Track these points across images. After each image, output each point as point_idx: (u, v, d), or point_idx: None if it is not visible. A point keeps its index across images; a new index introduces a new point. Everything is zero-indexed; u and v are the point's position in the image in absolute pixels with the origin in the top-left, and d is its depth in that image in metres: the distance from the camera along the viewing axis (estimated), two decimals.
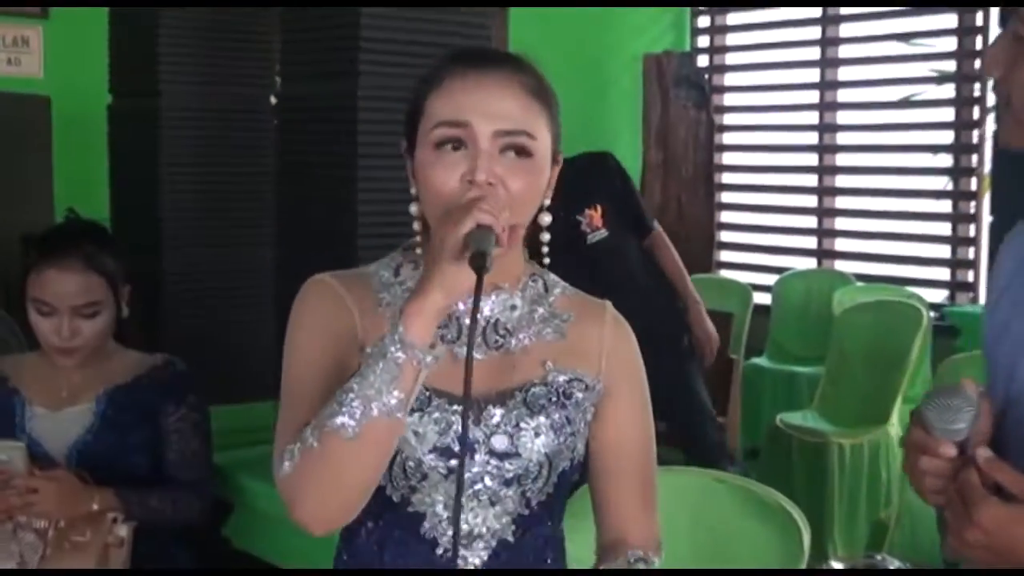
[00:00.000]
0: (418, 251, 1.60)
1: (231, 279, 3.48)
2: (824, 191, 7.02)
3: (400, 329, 1.39)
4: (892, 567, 2.76)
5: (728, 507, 2.52)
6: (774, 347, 6.42)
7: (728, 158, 7.51)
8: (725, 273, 7.16)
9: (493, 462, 1.56)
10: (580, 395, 1.62)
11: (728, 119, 7.52)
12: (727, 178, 7.50)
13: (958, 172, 6.39)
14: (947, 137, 6.46)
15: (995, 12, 4.89)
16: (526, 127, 1.51)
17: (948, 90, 6.44)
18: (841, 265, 6.82)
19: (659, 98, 7.15)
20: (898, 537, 3.29)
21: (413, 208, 1.56)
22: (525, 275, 1.63)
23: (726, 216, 7.50)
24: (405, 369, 1.39)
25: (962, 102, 6.31)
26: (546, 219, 1.57)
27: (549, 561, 1.65)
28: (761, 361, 6.20)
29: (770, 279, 6.71)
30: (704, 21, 7.55)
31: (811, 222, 7.10)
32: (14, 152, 4.83)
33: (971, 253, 6.32)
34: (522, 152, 1.50)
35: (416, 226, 1.58)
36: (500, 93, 1.51)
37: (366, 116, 2.93)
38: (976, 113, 6.24)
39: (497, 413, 1.55)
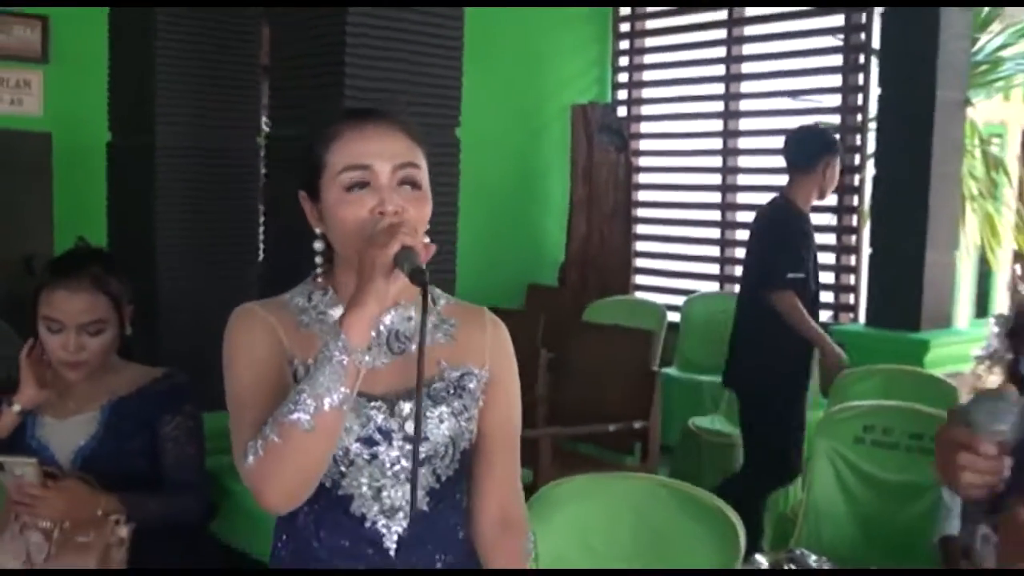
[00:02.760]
0: (319, 280, 1.68)
1: (219, 301, 3.39)
2: (725, 224, 7.05)
3: (343, 337, 1.47)
4: (812, 561, 2.74)
5: (670, 509, 2.54)
6: (682, 359, 6.41)
7: (643, 195, 7.53)
8: (640, 295, 7.16)
9: (408, 446, 1.61)
10: (472, 385, 1.70)
11: (643, 161, 7.54)
12: (642, 212, 7.52)
13: (841, 210, 6.43)
14: None
15: (875, 74, 4.86)
16: (413, 159, 1.61)
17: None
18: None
19: (585, 142, 7.14)
20: (805, 532, 3.26)
21: (318, 244, 1.64)
22: (415, 291, 1.63)
23: (641, 246, 7.51)
24: (349, 369, 1.47)
25: (846, 149, 6.33)
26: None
27: (458, 527, 1.72)
28: (671, 371, 6.17)
29: (679, 300, 6.71)
30: (623, 77, 7.57)
31: (714, 251, 7.14)
32: (17, 183, 4.80)
33: (852, 279, 6.36)
34: (414, 184, 1.60)
35: (319, 259, 1.66)
36: (389, 137, 1.61)
37: None
38: (857, 159, 6.29)
39: (407, 406, 1.61)
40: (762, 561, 2.74)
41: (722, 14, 6.97)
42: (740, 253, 6.96)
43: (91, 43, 3.75)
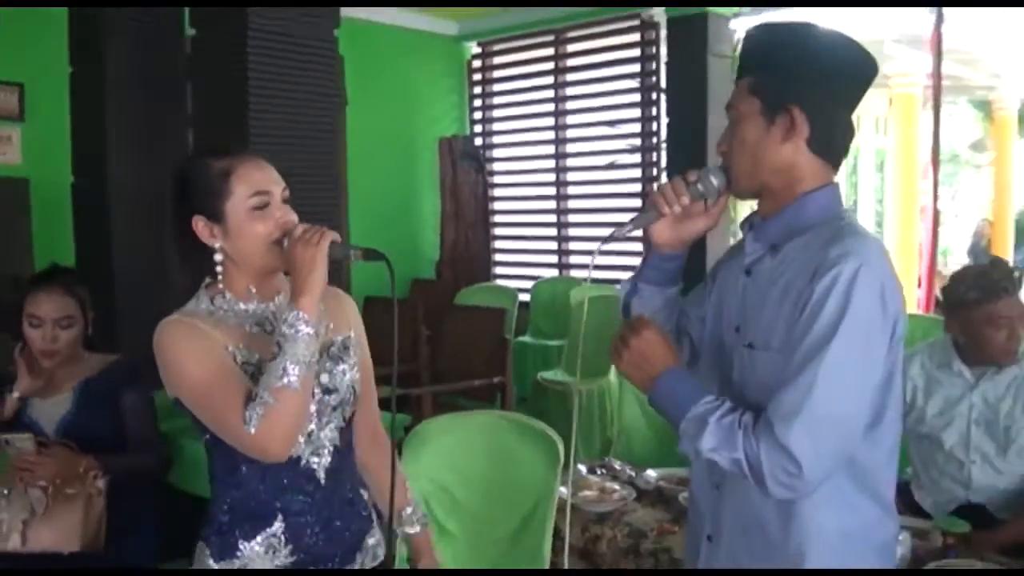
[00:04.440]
0: (221, 286, 1.60)
1: (165, 304, 3.40)
2: (561, 224, 7.12)
3: (302, 315, 1.46)
4: (616, 465, 2.86)
5: (510, 433, 2.59)
6: (533, 328, 6.46)
7: (498, 205, 7.53)
8: (499, 282, 7.18)
9: (324, 396, 1.62)
10: (350, 346, 1.69)
11: (497, 179, 7.54)
12: (498, 219, 7.51)
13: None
14: (636, 187, 6.60)
15: (664, 107, 5.05)
16: (284, 183, 1.61)
17: (637, 157, 6.60)
18: (575, 273, 6.95)
19: (450, 167, 7.14)
20: (620, 447, 3.41)
21: (218, 256, 1.57)
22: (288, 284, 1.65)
23: (498, 244, 7.53)
24: (312, 338, 1.47)
25: (645, 164, 6.52)
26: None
27: (353, 456, 1.72)
28: (525, 339, 6.24)
29: (529, 284, 6.75)
30: (479, 115, 7.54)
31: (553, 245, 7.21)
32: (1, 220, 4.69)
33: None
34: (287, 200, 1.59)
35: (219, 268, 1.58)
36: (270, 168, 1.60)
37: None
38: (654, 172, 6.41)
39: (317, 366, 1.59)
40: (582, 468, 2.83)
41: (550, 64, 7.03)
42: (574, 247, 7.14)
43: (58, 103, 3.68)
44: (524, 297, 6.39)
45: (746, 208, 2.77)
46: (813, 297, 1.33)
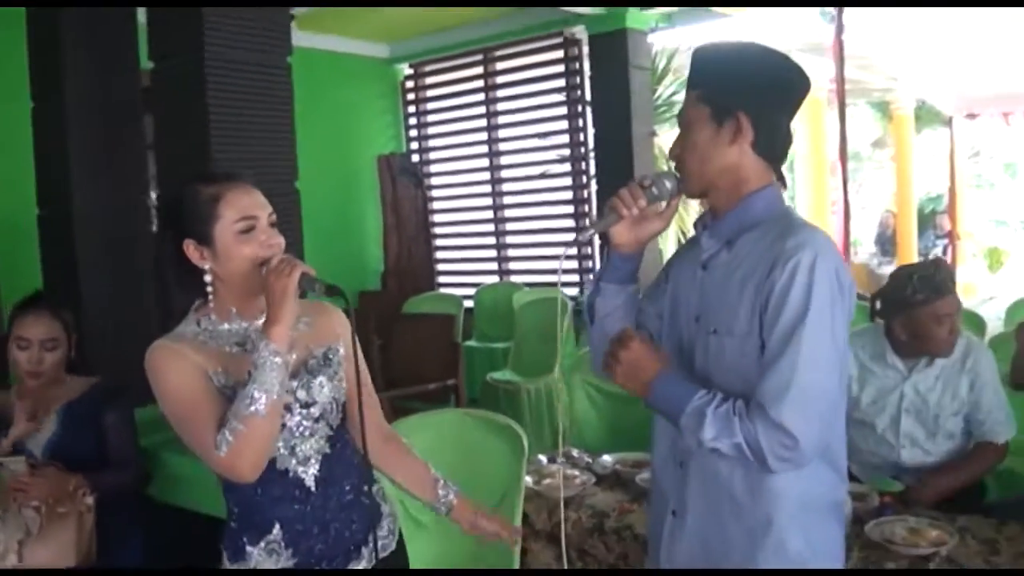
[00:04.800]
0: (210, 306, 1.63)
1: (130, 325, 3.39)
2: (500, 233, 7.22)
3: (271, 345, 1.48)
4: (575, 453, 2.92)
5: (476, 429, 2.65)
6: (479, 332, 6.50)
7: (438, 217, 7.56)
8: (443, 290, 7.23)
9: (304, 411, 1.64)
10: (334, 357, 1.70)
11: (435, 193, 7.57)
12: (438, 231, 7.55)
13: (577, 216, 6.70)
14: (568, 194, 6.75)
15: (590, 118, 5.19)
16: (271, 207, 1.64)
17: (567, 166, 6.74)
18: (515, 278, 7.00)
19: (390, 183, 7.17)
20: (572, 438, 3.43)
21: (207, 277, 1.60)
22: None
23: (440, 254, 7.59)
24: (280, 367, 1.49)
25: (575, 172, 6.67)
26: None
27: (352, 457, 1.71)
28: (472, 343, 6.26)
29: (471, 291, 6.78)
30: (415, 132, 7.58)
31: (493, 253, 7.27)
32: None
33: (590, 264, 6.65)
34: (274, 224, 1.63)
35: (209, 289, 1.61)
36: (257, 193, 1.63)
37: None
38: (584, 179, 6.56)
39: (294, 383, 1.63)
40: (542, 459, 2.90)
41: (480, 82, 7.11)
42: (512, 253, 7.20)
43: (23, 137, 3.62)
44: (468, 304, 6.45)
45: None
46: (777, 286, 1.42)
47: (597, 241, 6.25)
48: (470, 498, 1.92)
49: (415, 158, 7.55)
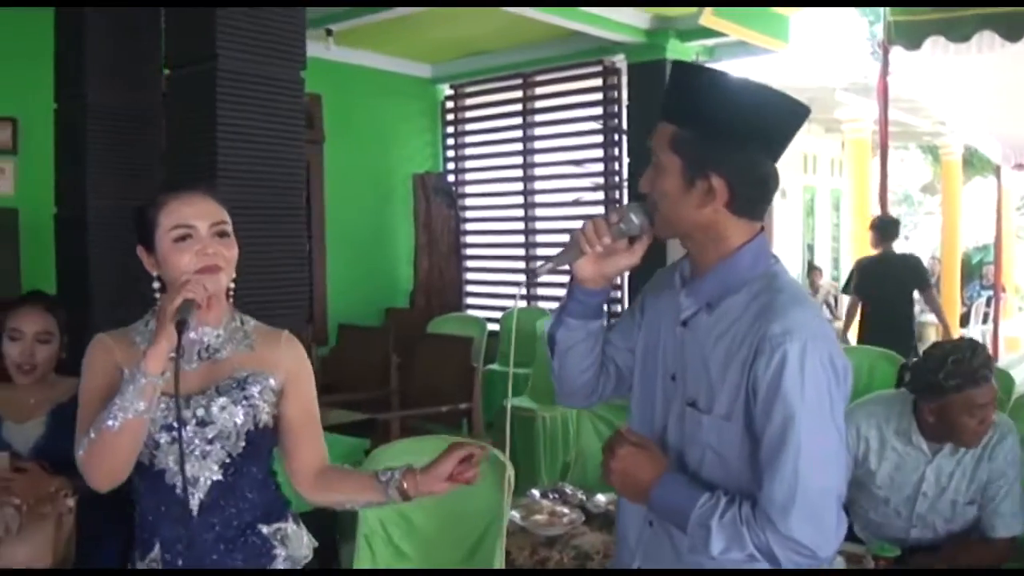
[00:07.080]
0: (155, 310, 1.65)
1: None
2: (529, 258, 7.18)
3: (143, 365, 1.48)
4: (568, 490, 2.88)
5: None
6: (502, 357, 6.44)
7: (470, 239, 7.58)
8: (470, 311, 7.22)
9: (201, 430, 1.60)
10: (256, 387, 1.65)
11: (469, 214, 7.60)
12: (469, 252, 7.57)
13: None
14: None
15: (625, 149, 5.14)
16: (222, 218, 1.63)
17: (600, 195, 6.72)
18: (542, 304, 6.95)
19: (424, 202, 7.19)
20: (576, 471, 3.40)
21: (156, 284, 1.63)
22: (227, 315, 1.68)
23: (469, 276, 7.58)
24: (146, 388, 1.48)
25: (608, 201, 6.63)
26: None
27: (248, 492, 1.65)
28: (494, 367, 6.25)
29: (498, 314, 6.79)
30: (452, 153, 7.62)
31: (522, 277, 6.98)
32: None
33: (618, 294, 6.59)
34: (223, 234, 1.62)
35: (158, 295, 1.63)
36: (203, 202, 1.63)
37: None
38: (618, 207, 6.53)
39: (198, 399, 1.61)
40: (535, 493, 2.85)
41: (518, 106, 7.13)
42: (541, 278, 7.18)
43: (47, 137, 3.68)
44: (493, 327, 6.43)
45: None
46: (765, 380, 1.30)
47: (626, 283, 6.18)
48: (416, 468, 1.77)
49: (451, 178, 7.58)
